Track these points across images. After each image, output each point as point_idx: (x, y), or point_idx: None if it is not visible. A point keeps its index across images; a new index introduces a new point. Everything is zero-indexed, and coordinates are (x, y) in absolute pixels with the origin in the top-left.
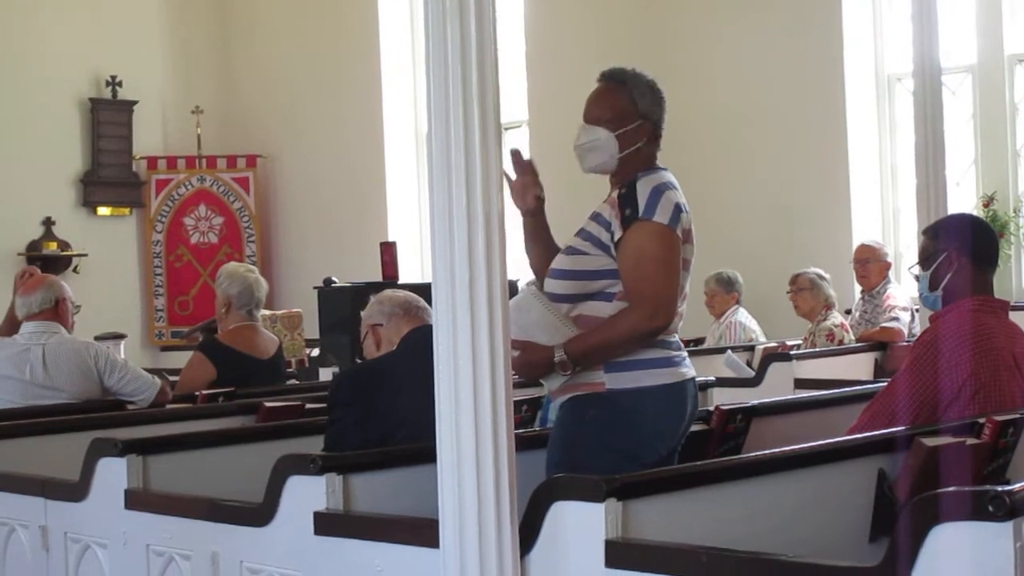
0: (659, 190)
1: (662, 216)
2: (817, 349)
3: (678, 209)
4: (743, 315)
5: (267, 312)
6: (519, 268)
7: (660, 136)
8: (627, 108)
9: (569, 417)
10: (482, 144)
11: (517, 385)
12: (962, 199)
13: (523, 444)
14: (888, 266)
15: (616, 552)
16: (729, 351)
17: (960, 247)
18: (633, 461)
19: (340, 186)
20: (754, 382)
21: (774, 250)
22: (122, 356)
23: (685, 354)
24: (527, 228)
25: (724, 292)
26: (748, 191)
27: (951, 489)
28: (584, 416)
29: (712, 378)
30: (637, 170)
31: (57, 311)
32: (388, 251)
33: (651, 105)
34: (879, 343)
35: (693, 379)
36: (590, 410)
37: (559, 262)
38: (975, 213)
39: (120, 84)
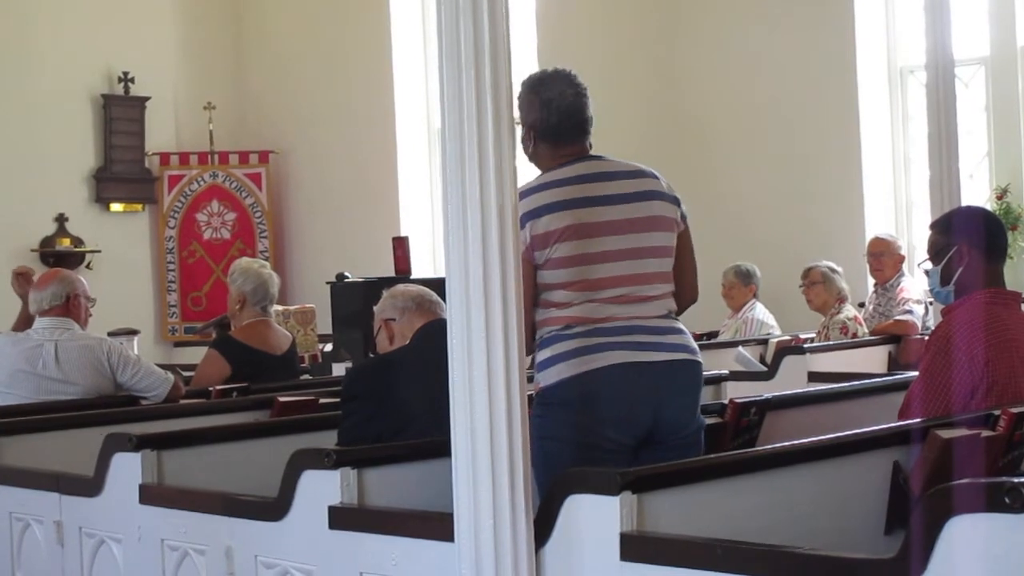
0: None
1: None
2: (831, 342)
3: (524, 218)
4: (760, 311)
5: (280, 307)
6: None
7: (551, 134)
8: (519, 118)
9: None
10: (495, 138)
11: (531, 379)
12: (975, 191)
13: None
14: (902, 259)
15: (631, 545)
16: (740, 348)
17: (971, 240)
18: (588, 449)
19: (352, 181)
20: (768, 375)
21: (787, 243)
22: (135, 352)
23: (642, 339)
24: None
25: (742, 285)
26: (761, 184)
27: (967, 481)
28: (532, 415)
29: (726, 372)
30: (543, 171)
31: (68, 307)
32: (400, 246)
33: (526, 110)
34: (893, 336)
35: (643, 363)
36: (535, 409)
37: None
38: (988, 205)
39: (132, 80)
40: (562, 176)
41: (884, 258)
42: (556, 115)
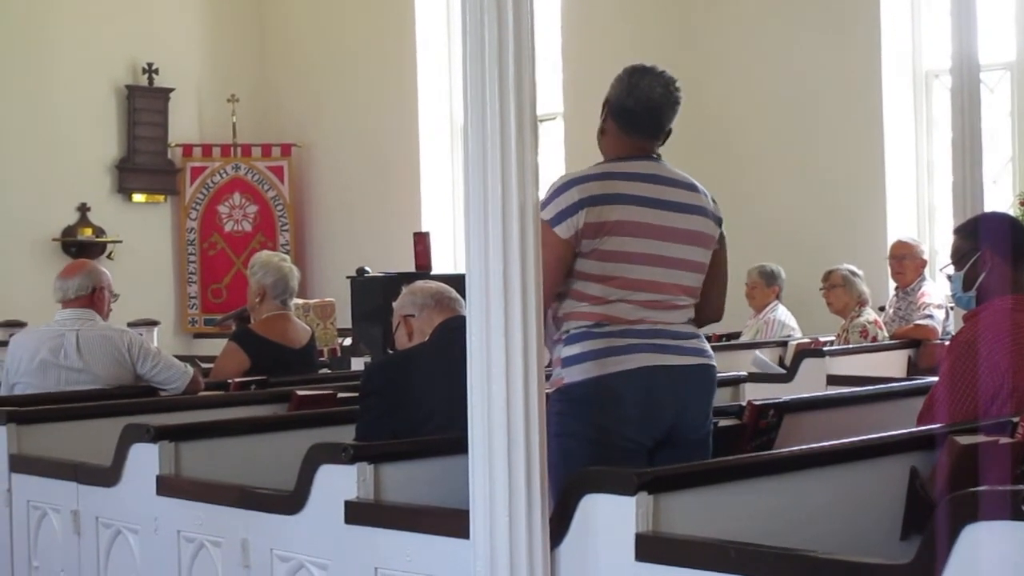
0: (559, 189)
1: (546, 213)
2: (850, 346)
3: (571, 209)
4: (782, 312)
5: (300, 301)
6: None
7: (622, 118)
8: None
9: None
10: (518, 136)
11: (548, 376)
12: (998, 197)
13: None
14: (924, 263)
15: (646, 545)
16: (757, 352)
17: (994, 246)
18: (607, 448)
19: (374, 176)
20: (787, 378)
21: (809, 245)
22: (155, 343)
23: (666, 342)
24: None
25: (765, 285)
26: (784, 187)
27: (985, 488)
28: (551, 411)
29: (744, 373)
30: (605, 156)
31: (93, 298)
32: (421, 241)
33: (615, 87)
34: (913, 340)
35: (666, 366)
36: (555, 405)
37: None
38: (1012, 211)
39: (156, 71)
40: (624, 169)
41: (906, 261)
42: (634, 101)
